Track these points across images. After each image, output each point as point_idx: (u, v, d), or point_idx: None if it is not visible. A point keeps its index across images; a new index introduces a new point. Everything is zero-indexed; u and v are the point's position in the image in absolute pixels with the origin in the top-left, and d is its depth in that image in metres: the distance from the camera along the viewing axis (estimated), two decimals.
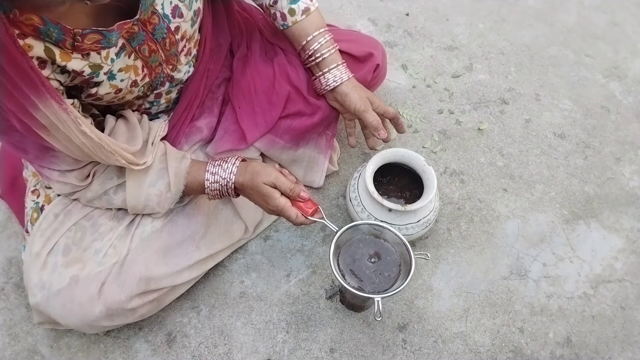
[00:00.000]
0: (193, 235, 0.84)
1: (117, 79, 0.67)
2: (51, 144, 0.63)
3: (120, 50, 0.65)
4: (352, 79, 0.89)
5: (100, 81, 0.65)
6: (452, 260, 0.98)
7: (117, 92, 0.69)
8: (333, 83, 0.87)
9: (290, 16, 0.85)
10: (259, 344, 0.88)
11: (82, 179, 0.73)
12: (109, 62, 0.64)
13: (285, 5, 0.84)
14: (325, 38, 0.86)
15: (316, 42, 0.86)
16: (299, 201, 0.75)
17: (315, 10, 0.87)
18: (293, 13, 0.85)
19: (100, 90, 0.66)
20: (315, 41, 0.86)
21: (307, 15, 0.85)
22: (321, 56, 0.87)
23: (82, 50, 0.60)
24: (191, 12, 0.73)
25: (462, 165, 1.12)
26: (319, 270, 0.96)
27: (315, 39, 0.86)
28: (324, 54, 0.86)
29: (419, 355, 0.88)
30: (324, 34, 0.86)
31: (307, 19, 0.86)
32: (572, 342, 0.91)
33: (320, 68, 0.88)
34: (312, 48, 0.86)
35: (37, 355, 0.87)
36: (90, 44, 0.60)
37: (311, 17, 0.86)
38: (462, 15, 1.44)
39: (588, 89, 1.29)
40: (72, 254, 0.75)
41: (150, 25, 0.67)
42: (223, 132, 0.90)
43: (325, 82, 0.88)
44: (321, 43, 0.86)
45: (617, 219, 1.06)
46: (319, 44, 0.86)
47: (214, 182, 0.75)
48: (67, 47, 0.58)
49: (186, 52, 0.77)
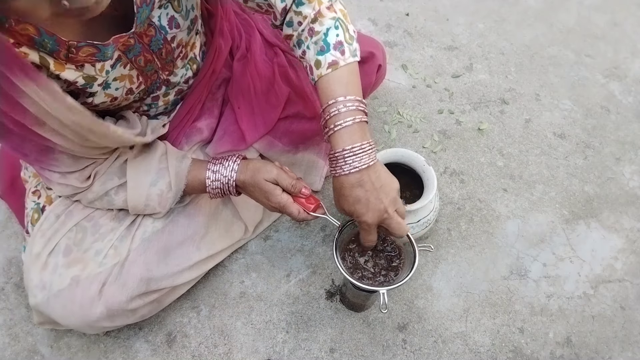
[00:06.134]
0: (193, 236, 0.84)
1: (112, 88, 0.67)
2: (50, 141, 0.62)
3: (116, 62, 0.65)
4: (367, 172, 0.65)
5: (94, 92, 0.64)
6: (452, 260, 0.98)
7: (113, 100, 0.69)
8: (340, 171, 0.65)
9: (316, 69, 0.67)
10: (259, 344, 0.88)
11: (83, 180, 0.73)
12: (103, 74, 0.64)
13: (313, 56, 0.67)
14: (347, 107, 0.64)
15: (335, 108, 0.64)
16: (301, 197, 0.75)
17: (345, 66, 0.66)
18: (319, 65, 0.66)
19: (95, 99, 0.66)
20: (335, 107, 0.64)
21: (334, 70, 0.65)
22: (334, 128, 0.65)
23: (76, 62, 0.59)
24: (187, 21, 0.72)
25: (462, 165, 1.12)
26: (319, 270, 0.96)
27: (336, 104, 0.64)
28: (337, 126, 0.65)
29: (419, 355, 0.88)
30: (350, 101, 0.64)
31: (334, 73, 0.66)
32: (572, 342, 0.91)
33: (333, 147, 0.66)
34: (329, 112, 0.65)
35: (37, 355, 0.87)
36: (85, 56, 0.59)
37: (340, 74, 0.66)
38: (462, 15, 1.44)
39: (588, 89, 1.29)
40: (72, 255, 0.75)
41: (146, 38, 0.67)
42: (222, 132, 0.90)
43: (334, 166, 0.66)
44: (340, 111, 0.64)
45: (617, 219, 1.06)
46: (337, 111, 0.64)
47: (215, 180, 0.75)
48: (61, 58, 0.58)
49: (182, 56, 0.77)
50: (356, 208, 0.65)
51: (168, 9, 0.67)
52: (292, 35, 0.70)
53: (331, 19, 0.67)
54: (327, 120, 0.66)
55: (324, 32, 0.67)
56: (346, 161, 0.64)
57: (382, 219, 0.66)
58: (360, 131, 0.65)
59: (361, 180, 0.64)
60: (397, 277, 0.74)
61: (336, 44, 0.66)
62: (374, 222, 0.65)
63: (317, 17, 0.67)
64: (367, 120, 0.67)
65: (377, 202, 0.65)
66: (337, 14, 0.68)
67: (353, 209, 0.66)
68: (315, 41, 0.67)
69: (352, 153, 0.64)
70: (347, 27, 0.68)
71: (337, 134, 0.65)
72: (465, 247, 1.00)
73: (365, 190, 0.64)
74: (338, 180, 0.66)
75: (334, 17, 0.68)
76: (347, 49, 0.67)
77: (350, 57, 0.67)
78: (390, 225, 0.67)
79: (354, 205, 0.65)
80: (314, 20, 0.67)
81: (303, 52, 0.69)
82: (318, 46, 0.67)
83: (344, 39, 0.67)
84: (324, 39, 0.67)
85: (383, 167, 0.68)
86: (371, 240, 0.69)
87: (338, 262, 0.70)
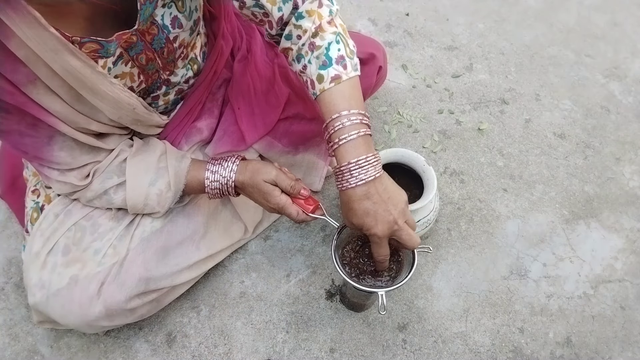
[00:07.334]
0: (193, 236, 0.84)
1: None
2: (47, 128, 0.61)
3: (118, 59, 0.65)
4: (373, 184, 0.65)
5: None
6: (452, 260, 0.98)
7: None
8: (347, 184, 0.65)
9: (318, 83, 0.66)
10: (259, 344, 0.88)
11: (82, 178, 0.73)
12: (105, 71, 0.64)
13: (314, 71, 0.67)
14: (351, 120, 0.64)
15: (339, 121, 0.64)
16: (300, 198, 0.75)
17: (348, 80, 0.66)
18: (321, 80, 0.66)
19: None
20: (339, 120, 0.64)
21: (337, 84, 0.65)
22: (338, 142, 0.65)
23: None
24: (191, 22, 0.72)
25: (462, 165, 1.12)
26: (319, 270, 0.96)
27: (340, 118, 0.64)
28: (342, 140, 0.64)
29: (419, 355, 0.88)
30: (354, 115, 0.65)
31: (337, 88, 0.66)
32: (572, 342, 0.90)
33: (338, 161, 0.65)
34: (333, 127, 0.65)
35: (37, 355, 0.87)
36: (88, 52, 0.59)
37: (342, 88, 0.66)
38: (462, 15, 1.44)
39: (588, 89, 1.29)
40: (71, 254, 0.75)
41: (149, 36, 0.67)
42: (222, 132, 0.90)
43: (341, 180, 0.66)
44: (344, 124, 0.64)
45: (617, 219, 1.06)
46: (342, 125, 0.64)
47: (214, 180, 0.75)
48: None
49: (183, 57, 0.77)
50: (365, 221, 0.64)
51: (172, 9, 0.67)
52: (290, 48, 0.70)
53: (332, 34, 0.67)
54: (332, 134, 0.65)
55: (325, 47, 0.67)
56: (352, 174, 0.64)
57: (392, 231, 0.65)
58: (365, 144, 0.65)
59: (368, 192, 0.64)
60: (397, 278, 0.74)
61: (338, 59, 0.66)
62: (385, 234, 0.64)
63: (318, 31, 0.67)
64: (371, 134, 0.67)
65: (386, 214, 0.64)
66: (338, 29, 0.68)
67: (362, 222, 0.65)
68: (317, 55, 0.67)
69: (357, 166, 0.63)
70: (347, 42, 0.69)
71: (342, 148, 0.65)
72: (465, 247, 1.00)
73: (374, 203, 0.64)
74: (345, 194, 0.66)
75: (334, 31, 0.67)
76: (349, 63, 0.67)
77: (352, 71, 0.67)
78: (401, 237, 0.66)
79: (362, 219, 0.64)
80: (314, 34, 0.67)
81: (304, 66, 0.69)
82: (320, 60, 0.66)
83: (345, 54, 0.67)
84: (325, 54, 0.66)
85: (389, 179, 0.68)
86: (384, 254, 0.68)
87: (337, 264, 0.70)
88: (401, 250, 0.76)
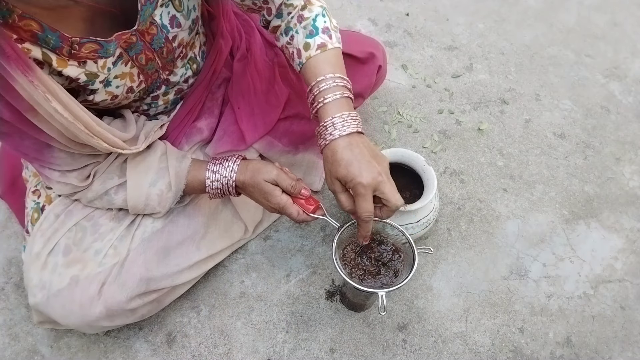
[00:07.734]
0: (193, 236, 0.84)
1: (113, 86, 0.67)
2: (47, 135, 0.62)
3: (117, 59, 0.65)
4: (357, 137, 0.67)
5: (96, 89, 0.65)
6: (452, 260, 0.98)
7: (113, 98, 0.69)
8: (330, 137, 0.66)
9: (305, 51, 0.71)
10: (259, 344, 0.88)
11: (83, 179, 0.73)
12: (105, 71, 0.64)
13: (301, 40, 0.72)
14: (336, 82, 0.68)
15: (325, 83, 0.68)
16: (300, 198, 0.75)
17: (332, 49, 0.71)
18: (308, 47, 0.71)
19: (96, 97, 0.66)
20: (324, 82, 0.68)
21: (323, 52, 0.71)
22: (323, 101, 0.68)
23: (78, 59, 0.59)
24: (189, 21, 0.72)
25: (462, 165, 1.12)
26: (319, 270, 0.96)
27: (326, 80, 0.68)
28: (327, 99, 0.68)
29: (419, 355, 0.88)
30: (338, 78, 0.69)
31: (323, 55, 0.71)
32: (572, 342, 0.91)
33: (322, 118, 0.68)
34: (319, 88, 0.69)
35: (37, 355, 0.87)
36: (88, 52, 0.59)
37: (328, 56, 0.71)
38: (462, 15, 1.44)
39: (588, 89, 1.29)
40: (72, 255, 0.75)
41: (148, 36, 0.67)
42: (222, 132, 0.90)
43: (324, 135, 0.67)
44: (329, 85, 0.68)
45: (617, 219, 1.06)
46: (327, 85, 0.68)
47: (215, 180, 0.75)
48: (64, 54, 0.58)
49: (182, 56, 0.77)
50: (349, 170, 0.64)
51: (169, 8, 0.67)
52: (279, 26, 0.75)
53: (319, 7, 0.74)
54: (316, 95, 0.69)
55: (312, 18, 0.73)
56: (335, 127, 0.66)
57: (377, 182, 0.64)
58: (347, 105, 0.68)
59: (351, 143, 0.65)
60: (397, 278, 0.74)
61: (324, 29, 0.72)
62: (369, 183, 0.63)
63: (307, 4, 0.74)
64: (352, 98, 0.71)
65: (370, 165, 0.64)
66: (324, 4, 0.75)
67: (346, 172, 0.64)
68: (304, 25, 0.73)
69: (341, 119, 0.66)
70: (331, 18, 0.75)
71: (326, 106, 0.67)
72: (465, 247, 1.00)
73: (358, 153, 0.65)
74: (329, 148, 0.67)
75: (321, 5, 0.75)
76: (334, 35, 0.73)
77: (336, 42, 0.73)
78: (384, 191, 0.65)
79: (346, 168, 0.64)
80: (303, 7, 0.73)
81: (291, 37, 0.74)
82: (307, 30, 0.72)
83: (330, 27, 0.73)
84: (312, 24, 0.72)
85: (372, 143, 0.70)
86: (369, 209, 0.65)
87: (337, 264, 0.70)
88: (401, 251, 0.76)
